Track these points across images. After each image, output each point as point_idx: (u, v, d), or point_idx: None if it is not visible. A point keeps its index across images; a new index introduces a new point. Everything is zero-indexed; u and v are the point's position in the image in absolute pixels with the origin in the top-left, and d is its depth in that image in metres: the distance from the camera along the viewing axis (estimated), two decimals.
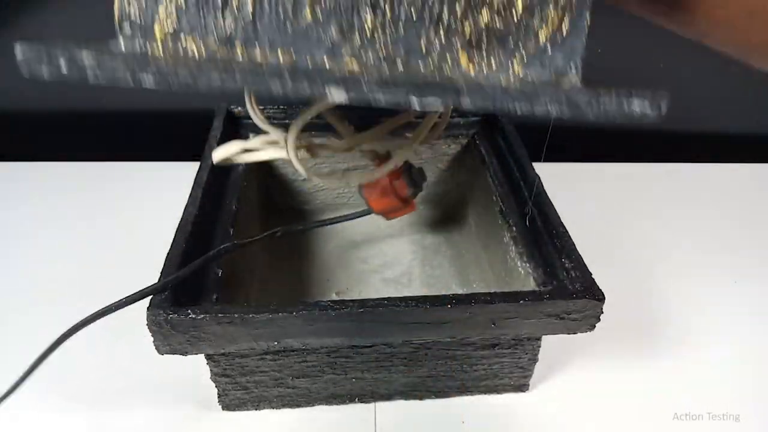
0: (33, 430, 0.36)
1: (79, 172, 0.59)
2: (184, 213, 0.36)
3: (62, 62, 0.20)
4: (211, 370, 0.34)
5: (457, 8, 0.21)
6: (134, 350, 0.40)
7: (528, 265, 0.36)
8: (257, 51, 0.21)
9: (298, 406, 0.37)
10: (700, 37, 0.24)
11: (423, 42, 0.22)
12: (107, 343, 0.41)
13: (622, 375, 0.40)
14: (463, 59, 0.22)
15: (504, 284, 0.40)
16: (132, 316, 0.33)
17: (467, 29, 0.22)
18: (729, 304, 0.46)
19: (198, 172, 0.39)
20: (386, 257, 0.48)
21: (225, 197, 0.40)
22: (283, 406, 0.37)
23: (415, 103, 0.20)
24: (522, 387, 0.38)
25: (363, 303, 0.30)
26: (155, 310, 0.29)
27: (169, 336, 0.30)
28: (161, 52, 0.21)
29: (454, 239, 0.50)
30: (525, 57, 0.22)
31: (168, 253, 0.33)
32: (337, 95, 0.19)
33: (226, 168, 0.41)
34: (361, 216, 0.44)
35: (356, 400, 0.38)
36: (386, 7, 0.21)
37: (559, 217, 0.37)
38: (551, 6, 0.21)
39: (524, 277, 0.36)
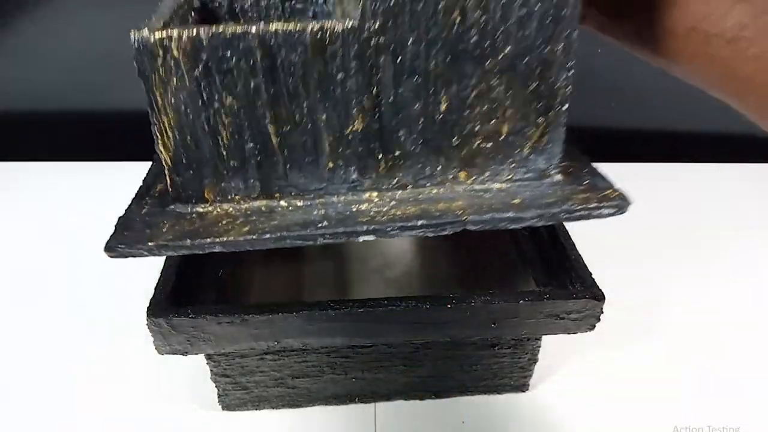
0: (32, 430, 0.36)
1: (78, 171, 0.59)
2: None
3: (146, 253, 0.24)
4: (211, 370, 0.34)
5: (453, 141, 0.25)
6: (134, 350, 0.40)
7: (528, 265, 0.36)
8: (293, 197, 0.25)
9: (298, 406, 0.37)
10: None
11: (428, 169, 0.26)
12: (107, 343, 0.41)
13: (622, 375, 0.40)
14: (462, 175, 0.26)
15: (504, 284, 0.40)
16: (132, 316, 0.33)
17: (463, 154, 0.26)
18: (730, 305, 0.46)
19: None
20: (386, 257, 0.48)
21: None
22: (283, 406, 0.37)
23: (430, 235, 0.24)
24: (522, 387, 0.38)
25: (363, 303, 0.30)
26: (155, 311, 0.29)
27: (169, 336, 0.30)
28: (214, 210, 0.25)
29: (454, 239, 0.50)
30: (513, 165, 0.26)
31: None
32: (367, 238, 0.25)
33: None
34: None
35: (356, 400, 0.38)
36: (395, 149, 0.25)
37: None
38: (532, 126, 0.25)
39: (524, 277, 0.36)
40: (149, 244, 0.24)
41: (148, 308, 0.29)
